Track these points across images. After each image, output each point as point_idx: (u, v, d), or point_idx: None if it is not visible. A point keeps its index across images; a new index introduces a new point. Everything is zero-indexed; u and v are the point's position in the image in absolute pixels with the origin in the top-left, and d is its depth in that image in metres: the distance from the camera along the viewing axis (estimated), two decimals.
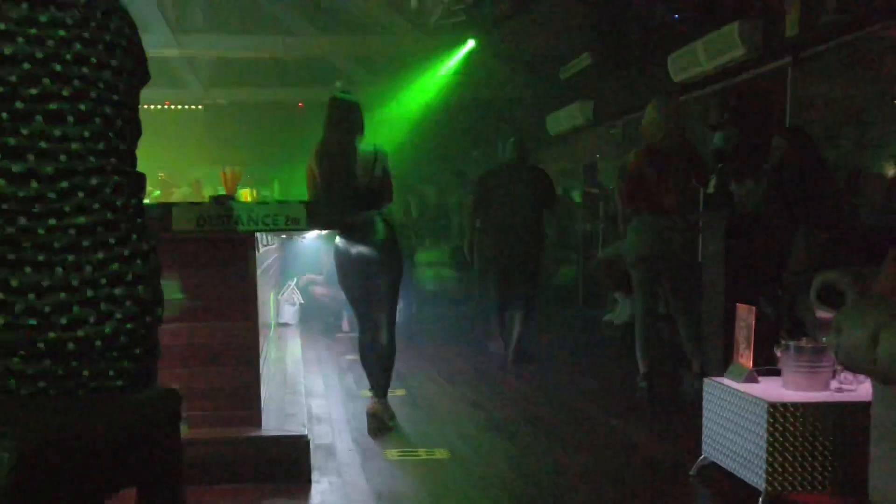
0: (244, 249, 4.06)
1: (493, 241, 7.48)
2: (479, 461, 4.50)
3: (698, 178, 5.67)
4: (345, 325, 9.27)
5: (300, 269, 10.39)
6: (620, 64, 8.43)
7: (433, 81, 10.65)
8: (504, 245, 7.36)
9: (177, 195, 10.84)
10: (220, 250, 4.02)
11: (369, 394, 5.27)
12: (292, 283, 9.35)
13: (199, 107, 12.58)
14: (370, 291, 5.08)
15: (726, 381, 3.83)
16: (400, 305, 9.39)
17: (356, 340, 5.42)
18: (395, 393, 6.09)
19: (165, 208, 3.86)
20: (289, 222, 3.81)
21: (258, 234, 4.56)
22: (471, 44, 9.14)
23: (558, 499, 3.91)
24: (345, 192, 4.86)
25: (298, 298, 9.28)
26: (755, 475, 3.48)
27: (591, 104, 9.75)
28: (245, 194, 7.02)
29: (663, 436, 4.95)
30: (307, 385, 6.41)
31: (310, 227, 3.93)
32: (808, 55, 5.87)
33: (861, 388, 3.48)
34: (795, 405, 3.39)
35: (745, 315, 3.78)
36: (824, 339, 3.35)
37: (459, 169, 13.84)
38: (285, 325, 8.99)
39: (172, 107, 12.55)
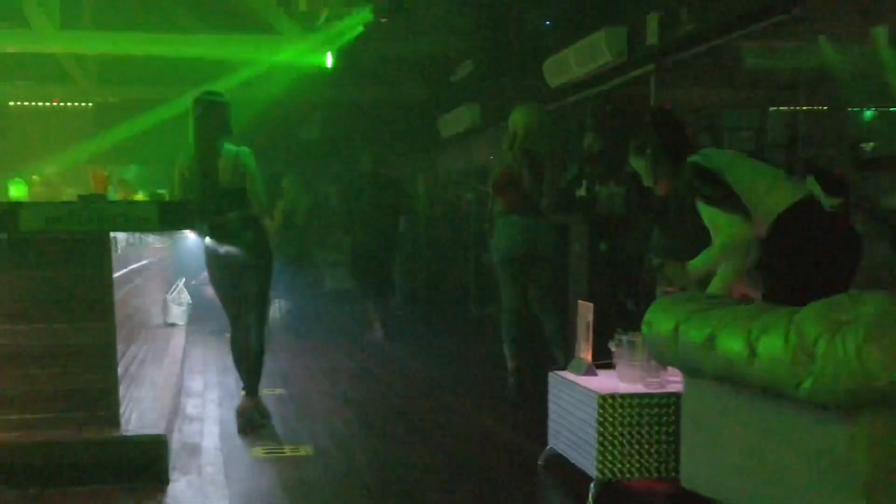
0: (98, 249, 4.06)
1: (357, 242, 8.82)
2: (342, 456, 4.60)
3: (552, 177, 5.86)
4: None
5: (196, 269, 10.31)
6: (502, 69, 8.63)
7: (326, 83, 10.66)
8: (365, 245, 8.69)
9: (67, 195, 10.58)
10: (73, 250, 4.02)
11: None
12: (180, 283, 9.27)
13: (90, 104, 12.32)
14: (239, 291, 5.12)
15: (567, 374, 4.01)
16: (282, 305, 9.54)
17: None
18: (274, 392, 6.16)
19: (14, 208, 3.84)
20: (139, 223, 3.83)
21: (120, 234, 4.58)
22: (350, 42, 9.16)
23: (412, 491, 4.04)
24: (207, 192, 4.90)
25: (186, 298, 9.20)
26: (589, 463, 3.66)
27: (478, 107, 9.95)
28: (122, 194, 6.98)
29: (522, 429, 5.13)
30: (187, 385, 6.41)
31: (162, 227, 3.96)
32: (668, 63, 6.13)
33: None
34: (623, 396, 3.57)
35: (584, 311, 3.96)
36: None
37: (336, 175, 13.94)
38: (173, 325, 8.90)
39: (62, 104, 12.27)
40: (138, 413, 4.54)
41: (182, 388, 6.16)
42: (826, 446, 2.51)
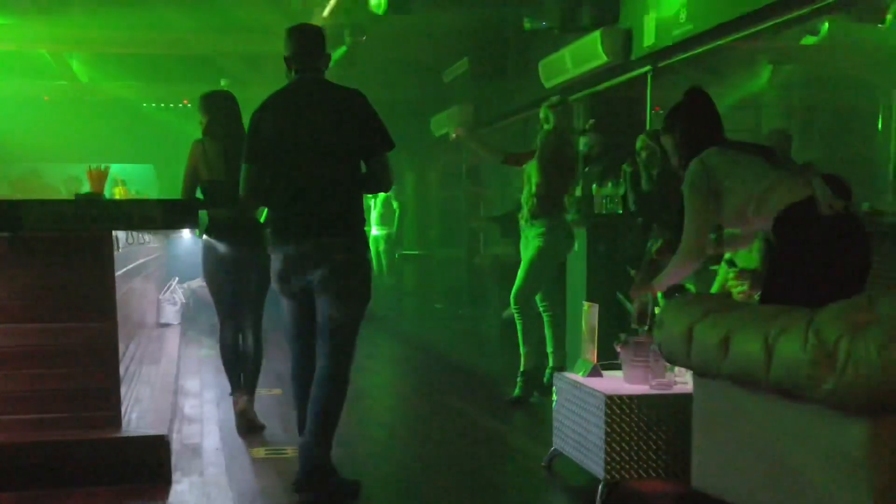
0: (100, 248, 4.02)
1: None
2: (345, 457, 4.56)
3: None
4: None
5: (188, 268, 10.28)
6: (497, 69, 8.65)
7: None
8: None
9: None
10: (76, 249, 3.98)
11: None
12: (174, 283, 9.23)
13: (81, 102, 12.25)
14: (237, 291, 5.08)
15: (572, 375, 4.01)
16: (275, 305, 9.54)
17: None
18: (272, 392, 6.12)
19: (16, 207, 3.81)
20: (143, 221, 3.80)
21: (120, 233, 4.53)
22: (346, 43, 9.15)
23: (416, 492, 4.03)
24: (233, 189, 4.87)
25: (180, 298, 9.17)
26: (596, 465, 3.66)
27: (472, 107, 9.96)
28: (119, 192, 6.92)
29: (525, 430, 5.13)
30: (183, 385, 6.37)
31: (167, 225, 3.93)
32: (665, 64, 6.16)
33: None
34: (630, 397, 3.57)
35: (589, 313, 3.96)
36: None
37: None
38: (167, 324, 8.86)
39: (52, 101, 12.20)
40: (139, 413, 4.51)
41: (179, 388, 6.13)
42: (842, 448, 2.52)
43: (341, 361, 3.88)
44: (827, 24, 5.88)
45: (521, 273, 5.74)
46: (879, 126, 6.02)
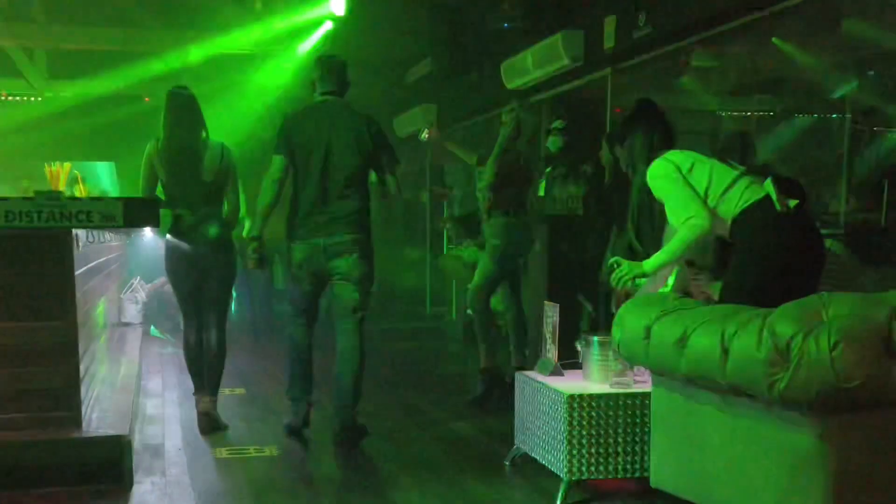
0: (59, 246, 3.98)
1: None
2: (308, 457, 4.60)
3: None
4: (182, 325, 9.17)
5: (152, 266, 10.17)
6: (460, 70, 8.68)
7: (279, 80, 10.58)
8: None
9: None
10: (34, 247, 3.94)
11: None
12: (135, 281, 9.15)
13: (40, 99, 12.06)
14: (201, 290, 5.07)
15: (534, 374, 4.05)
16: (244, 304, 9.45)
17: None
18: (235, 392, 6.11)
19: None
20: (104, 220, 3.77)
21: (80, 231, 4.49)
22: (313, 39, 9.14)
23: (380, 492, 4.04)
24: (192, 188, 4.87)
25: (141, 297, 9.08)
26: (558, 463, 3.70)
27: (435, 108, 9.98)
28: (78, 190, 6.86)
29: (487, 428, 5.17)
30: (145, 385, 6.33)
31: (128, 224, 3.90)
32: (624, 66, 6.24)
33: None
34: (592, 396, 3.62)
35: (550, 312, 4.01)
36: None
37: None
38: (129, 324, 8.77)
39: (10, 98, 12.00)
40: (99, 413, 4.48)
41: (140, 387, 6.08)
42: (795, 446, 2.57)
43: (363, 333, 4.91)
44: None
45: (478, 272, 5.80)
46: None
